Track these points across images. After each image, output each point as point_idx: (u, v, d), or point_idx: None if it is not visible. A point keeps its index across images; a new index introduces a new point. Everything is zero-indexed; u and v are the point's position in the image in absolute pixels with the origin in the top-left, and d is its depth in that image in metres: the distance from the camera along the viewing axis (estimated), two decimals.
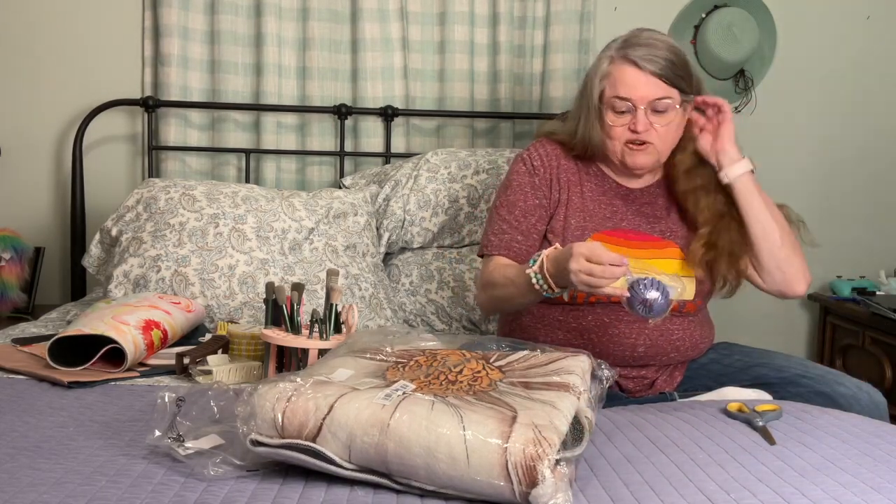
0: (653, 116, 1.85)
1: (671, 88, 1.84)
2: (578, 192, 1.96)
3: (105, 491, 1.18)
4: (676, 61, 1.85)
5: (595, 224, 1.92)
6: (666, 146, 1.90)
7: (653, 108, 1.84)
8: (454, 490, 1.18)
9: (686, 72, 1.87)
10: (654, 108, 1.84)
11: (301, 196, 2.48)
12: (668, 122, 1.86)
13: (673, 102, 1.85)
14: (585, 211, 1.94)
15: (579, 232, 1.90)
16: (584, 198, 1.95)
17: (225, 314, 2.22)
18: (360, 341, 1.53)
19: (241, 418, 1.25)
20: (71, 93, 2.80)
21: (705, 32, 2.88)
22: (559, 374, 1.35)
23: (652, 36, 1.88)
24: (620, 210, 1.95)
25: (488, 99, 2.88)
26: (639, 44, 1.85)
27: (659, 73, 1.83)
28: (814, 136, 3.08)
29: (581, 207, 1.94)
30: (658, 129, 1.86)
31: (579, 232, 1.90)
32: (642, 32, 1.89)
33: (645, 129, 1.85)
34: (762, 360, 1.93)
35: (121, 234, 2.35)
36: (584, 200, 1.95)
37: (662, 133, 1.86)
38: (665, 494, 1.24)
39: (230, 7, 2.75)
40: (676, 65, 1.85)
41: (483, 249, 1.97)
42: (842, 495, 1.24)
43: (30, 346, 1.99)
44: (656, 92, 1.83)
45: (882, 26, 3.06)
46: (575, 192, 1.96)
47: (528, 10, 2.87)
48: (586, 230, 1.91)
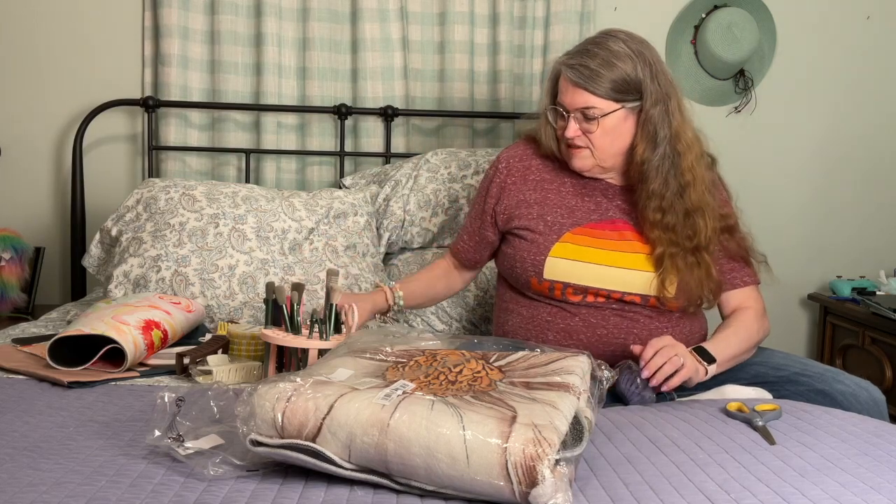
0: (584, 123, 1.88)
1: (596, 98, 1.85)
2: (555, 188, 1.99)
3: (105, 491, 1.18)
4: (608, 73, 1.84)
5: (577, 218, 1.94)
6: (604, 152, 1.91)
7: (584, 115, 1.87)
8: (454, 490, 1.18)
9: (624, 80, 1.84)
10: (585, 116, 1.87)
11: (301, 196, 2.48)
12: (599, 128, 1.87)
13: (598, 112, 1.86)
14: (564, 207, 1.96)
15: (557, 227, 1.93)
16: (562, 194, 1.98)
17: (225, 314, 2.23)
18: (360, 341, 1.53)
19: (241, 418, 1.25)
20: (71, 93, 2.80)
21: (705, 32, 2.88)
22: (559, 374, 1.35)
23: (597, 43, 1.88)
24: (604, 203, 1.97)
25: (488, 99, 2.88)
26: (578, 51, 1.89)
27: (580, 83, 1.85)
28: (813, 136, 3.08)
29: (559, 203, 1.97)
30: (592, 136, 1.89)
31: (557, 227, 1.93)
32: (596, 38, 1.91)
33: (574, 134, 1.89)
34: (761, 359, 1.93)
35: (121, 234, 2.36)
36: (563, 196, 1.97)
37: (596, 139, 1.89)
38: (665, 494, 1.24)
39: (230, 7, 2.75)
40: (602, 75, 1.84)
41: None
42: (842, 495, 1.24)
43: (30, 346, 1.99)
44: (580, 101, 1.86)
45: (882, 26, 3.06)
46: (551, 189, 1.99)
47: (528, 10, 2.88)
48: (564, 225, 1.93)
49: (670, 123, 1.87)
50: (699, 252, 1.86)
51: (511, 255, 1.97)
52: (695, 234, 1.86)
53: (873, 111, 3.09)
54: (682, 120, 1.90)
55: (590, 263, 1.88)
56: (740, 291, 1.96)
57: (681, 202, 1.87)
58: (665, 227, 1.86)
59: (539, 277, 1.91)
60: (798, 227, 3.09)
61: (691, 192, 1.87)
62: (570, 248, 1.90)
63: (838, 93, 3.07)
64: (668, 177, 1.87)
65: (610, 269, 1.88)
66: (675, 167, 1.87)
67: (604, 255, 1.89)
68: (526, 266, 1.92)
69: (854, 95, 3.07)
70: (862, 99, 3.08)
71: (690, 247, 1.86)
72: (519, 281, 1.95)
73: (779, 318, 3.04)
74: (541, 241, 1.92)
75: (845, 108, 3.08)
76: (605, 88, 1.84)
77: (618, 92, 1.85)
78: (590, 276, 1.87)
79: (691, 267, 1.85)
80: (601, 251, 1.89)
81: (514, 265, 1.96)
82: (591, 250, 1.90)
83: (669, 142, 1.87)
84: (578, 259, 1.89)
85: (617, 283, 1.87)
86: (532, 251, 1.92)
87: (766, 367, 1.89)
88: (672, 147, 1.87)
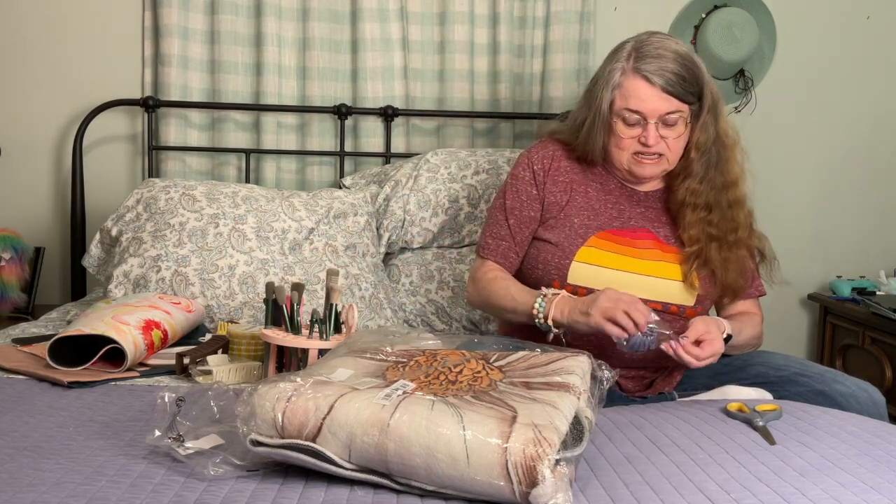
0: (663, 129, 1.86)
1: (680, 103, 1.85)
2: (583, 191, 1.97)
3: (105, 491, 1.18)
4: (686, 74, 1.85)
5: (601, 223, 1.93)
6: (675, 156, 1.91)
7: (663, 122, 1.86)
8: (454, 490, 1.18)
9: (696, 83, 1.87)
10: (665, 122, 1.86)
11: (301, 196, 2.48)
12: (677, 134, 1.87)
13: (682, 116, 1.86)
14: (590, 210, 1.95)
15: (583, 230, 1.92)
16: (588, 197, 1.97)
17: (225, 314, 2.23)
18: (360, 341, 1.53)
19: (241, 418, 1.25)
20: (71, 93, 2.80)
21: (705, 32, 2.88)
22: (560, 374, 1.35)
23: (662, 45, 1.87)
24: (627, 210, 1.96)
25: (488, 99, 2.88)
26: (649, 55, 1.85)
27: (668, 88, 1.84)
28: (813, 135, 3.08)
29: (585, 206, 1.95)
30: (668, 141, 1.87)
31: (583, 230, 1.92)
32: (652, 40, 1.88)
33: (656, 142, 1.87)
34: (761, 359, 1.93)
35: (121, 234, 2.36)
36: (589, 200, 1.96)
37: (672, 145, 1.88)
38: (665, 494, 1.24)
39: (230, 7, 2.75)
40: (686, 78, 1.85)
41: (481, 250, 2.01)
42: (842, 495, 1.24)
43: (30, 346, 1.99)
44: (666, 107, 1.85)
45: (882, 26, 3.06)
46: (578, 191, 1.97)
47: (528, 10, 2.87)
48: (590, 228, 1.92)
49: (717, 122, 1.92)
50: (738, 247, 1.92)
51: (534, 255, 1.96)
52: (737, 226, 1.92)
53: (873, 111, 3.09)
54: (723, 120, 1.94)
55: (615, 270, 1.89)
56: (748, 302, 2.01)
57: (724, 196, 1.92)
58: (708, 223, 1.90)
59: (562, 281, 1.89)
60: (798, 227, 3.09)
61: (733, 188, 1.92)
62: (595, 254, 1.90)
63: (838, 93, 3.07)
64: (712, 173, 1.91)
65: (634, 276, 1.88)
66: (718, 166, 1.92)
67: (628, 262, 1.90)
68: (549, 269, 1.91)
69: (854, 95, 3.07)
70: (862, 99, 3.08)
71: (732, 240, 1.91)
72: (540, 282, 1.92)
73: (779, 318, 3.05)
74: (566, 244, 1.91)
75: (845, 108, 3.08)
76: (689, 94, 1.86)
77: (696, 94, 1.88)
78: (614, 282, 1.84)
79: (725, 262, 1.90)
80: (625, 258, 1.90)
81: (536, 266, 1.94)
82: (616, 256, 1.90)
83: (716, 140, 1.92)
84: (603, 265, 1.89)
85: (641, 290, 1.84)
86: (557, 254, 1.91)
87: (766, 367, 1.89)
88: (719, 143, 1.92)
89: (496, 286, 1.92)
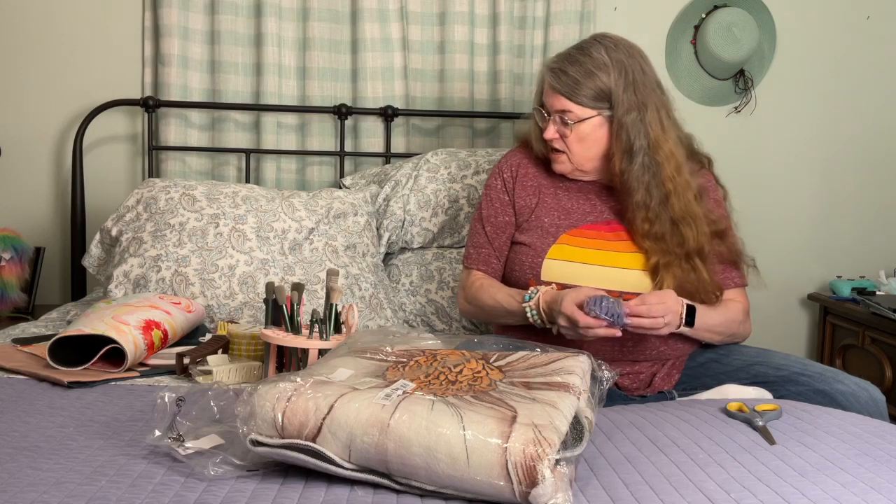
0: (562, 127, 1.92)
1: (571, 103, 1.90)
2: (552, 192, 2.02)
3: (105, 491, 1.18)
4: (580, 78, 1.88)
5: (573, 220, 1.98)
6: (580, 156, 1.95)
7: (561, 120, 1.92)
8: (454, 490, 1.18)
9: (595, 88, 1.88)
10: (563, 120, 1.91)
11: (301, 196, 2.48)
12: (574, 133, 1.92)
13: (574, 117, 1.90)
14: (560, 209, 2.00)
15: (553, 229, 1.97)
16: (558, 198, 2.02)
17: (225, 314, 2.23)
18: (360, 341, 1.53)
19: (241, 418, 1.25)
20: (71, 93, 2.80)
21: (705, 32, 2.88)
22: (560, 374, 1.35)
23: (581, 49, 1.92)
24: (598, 205, 2.00)
25: (488, 99, 2.88)
26: (563, 56, 1.93)
27: (557, 88, 1.90)
28: (813, 136, 3.08)
29: (555, 207, 2.00)
30: (568, 140, 1.93)
31: (553, 229, 1.97)
32: (582, 44, 1.94)
33: (551, 136, 1.94)
34: (761, 359, 1.93)
35: (121, 234, 2.36)
36: (559, 200, 2.01)
37: (571, 144, 1.93)
38: (665, 494, 1.24)
39: (230, 7, 2.75)
40: (579, 81, 1.88)
41: (465, 261, 2.08)
42: (842, 495, 1.24)
43: (30, 346, 1.99)
44: (559, 105, 1.91)
45: (882, 26, 3.06)
46: (547, 193, 2.02)
47: (528, 10, 2.88)
48: (561, 227, 1.97)
49: (647, 133, 1.89)
50: (692, 259, 1.90)
51: (512, 258, 2.02)
52: (684, 241, 1.89)
53: (873, 111, 3.08)
54: (661, 130, 1.91)
55: (585, 264, 1.92)
56: (729, 291, 1.99)
57: (665, 212, 1.90)
58: (655, 237, 1.90)
59: (537, 279, 1.94)
60: (798, 227, 3.09)
61: (675, 201, 1.90)
62: (567, 250, 1.94)
63: (838, 93, 3.07)
64: (650, 187, 1.90)
65: (605, 268, 1.91)
66: (655, 177, 1.90)
67: (600, 256, 1.92)
68: (525, 269, 1.96)
69: (854, 95, 3.07)
70: (862, 99, 3.08)
71: (682, 253, 1.89)
72: (518, 283, 1.98)
73: (779, 318, 3.06)
74: (538, 244, 1.96)
75: (845, 108, 3.08)
76: (581, 95, 1.89)
77: (593, 100, 1.90)
78: (586, 276, 1.90)
79: (687, 273, 1.89)
80: (597, 251, 1.93)
81: (514, 268, 2.00)
82: (587, 251, 1.94)
83: (647, 152, 1.89)
84: (574, 260, 1.93)
85: (614, 282, 1.89)
86: (530, 254, 1.96)
87: (766, 366, 1.89)
88: (651, 157, 1.90)
89: (483, 294, 1.99)
